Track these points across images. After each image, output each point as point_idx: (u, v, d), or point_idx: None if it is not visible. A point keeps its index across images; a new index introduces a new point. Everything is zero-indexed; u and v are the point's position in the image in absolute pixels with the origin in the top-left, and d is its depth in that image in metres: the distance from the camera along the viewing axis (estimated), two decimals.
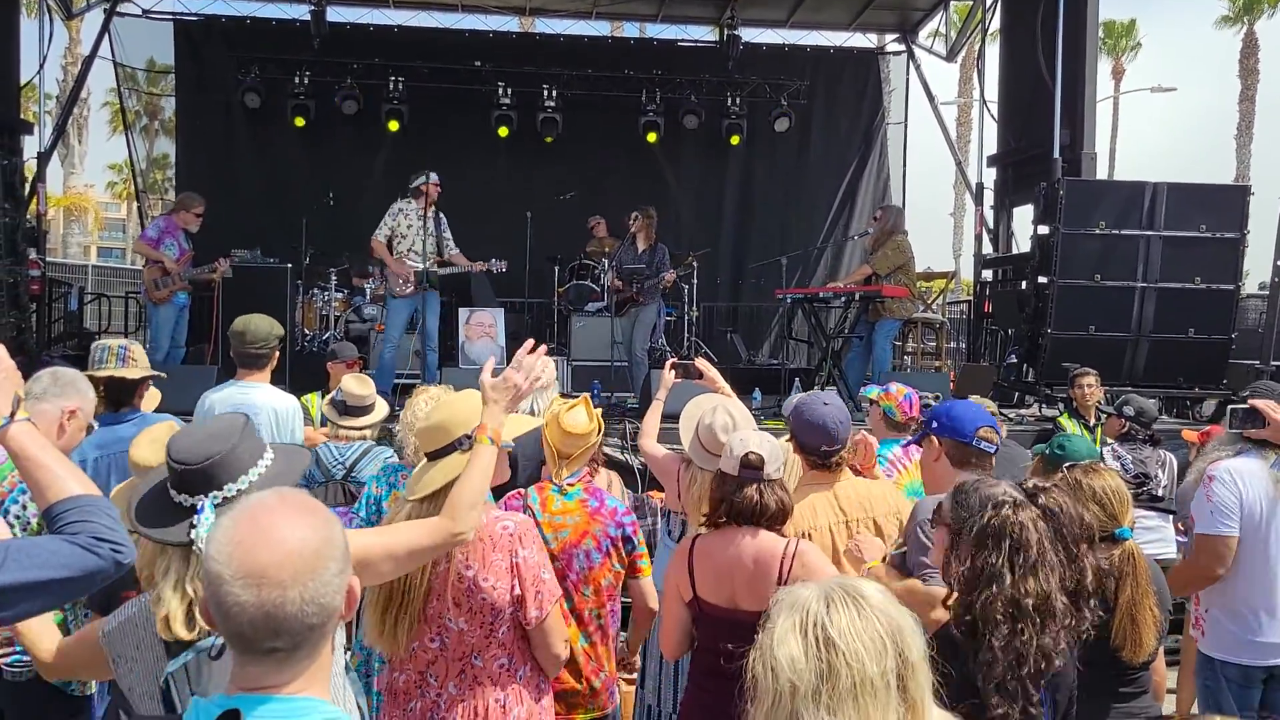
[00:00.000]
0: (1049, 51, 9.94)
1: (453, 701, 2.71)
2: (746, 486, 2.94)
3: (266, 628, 1.39)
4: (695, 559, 2.98)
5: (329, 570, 1.44)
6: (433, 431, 2.69)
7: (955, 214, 33.74)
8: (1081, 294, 9.01)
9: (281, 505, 1.48)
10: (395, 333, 8.82)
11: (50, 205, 11.08)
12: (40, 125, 11.24)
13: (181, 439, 2.13)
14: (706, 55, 14.06)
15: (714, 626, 2.95)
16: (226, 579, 1.39)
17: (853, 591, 1.61)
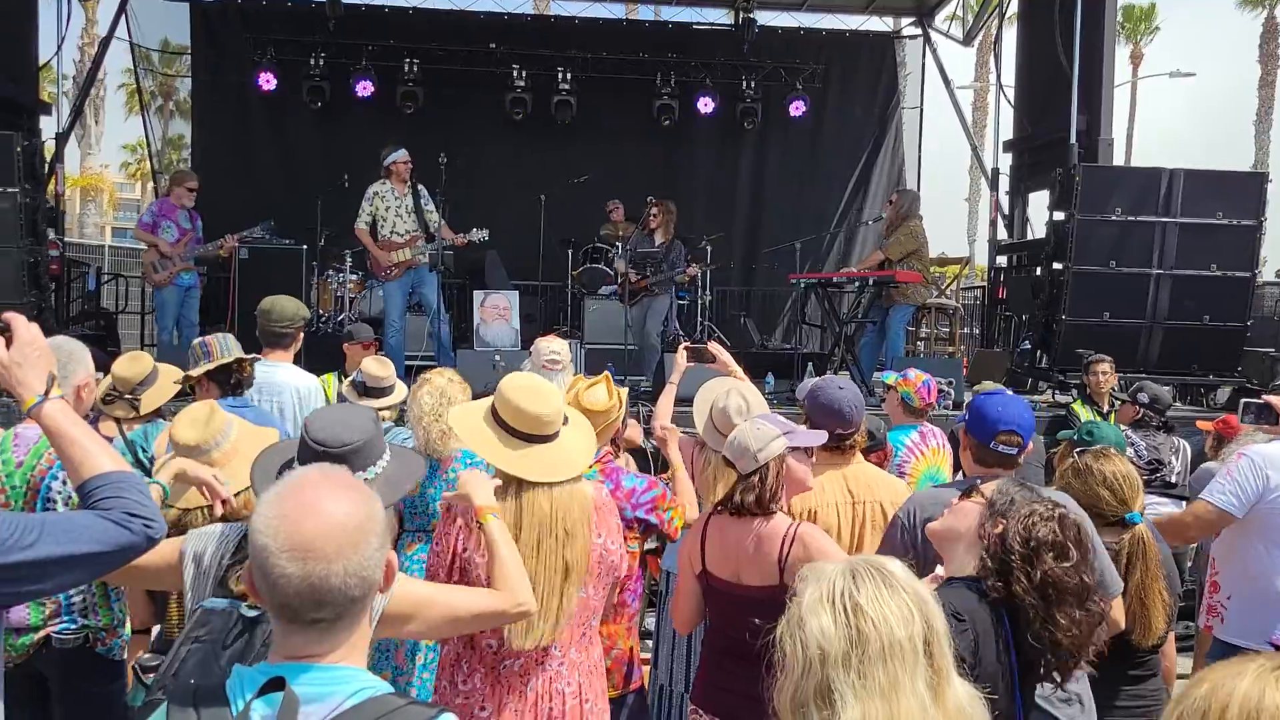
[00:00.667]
0: (1067, 36, 9.88)
1: (572, 665, 2.82)
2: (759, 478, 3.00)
3: (311, 599, 1.45)
4: (707, 534, 3.06)
5: (371, 545, 1.49)
6: (544, 420, 2.78)
7: (970, 199, 33.62)
8: (1096, 280, 8.98)
9: (325, 481, 1.53)
10: (395, 317, 8.83)
11: (67, 186, 11.14)
12: (58, 106, 11.30)
13: (321, 422, 2.23)
14: (721, 38, 14.00)
15: (719, 599, 3.02)
16: (273, 551, 1.44)
17: (877, 565, 1.64)
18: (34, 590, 1.84)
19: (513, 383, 2.88)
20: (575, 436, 2.89)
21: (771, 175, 14.07)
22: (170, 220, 8.85)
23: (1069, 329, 8.99)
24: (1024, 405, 3.25)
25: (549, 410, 2.79)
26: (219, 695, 1.46)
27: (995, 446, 3.07)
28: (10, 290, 7.90)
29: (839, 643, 1.56)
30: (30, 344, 1.95)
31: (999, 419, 3.09)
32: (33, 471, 3.13)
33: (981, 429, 3.11)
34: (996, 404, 3.17)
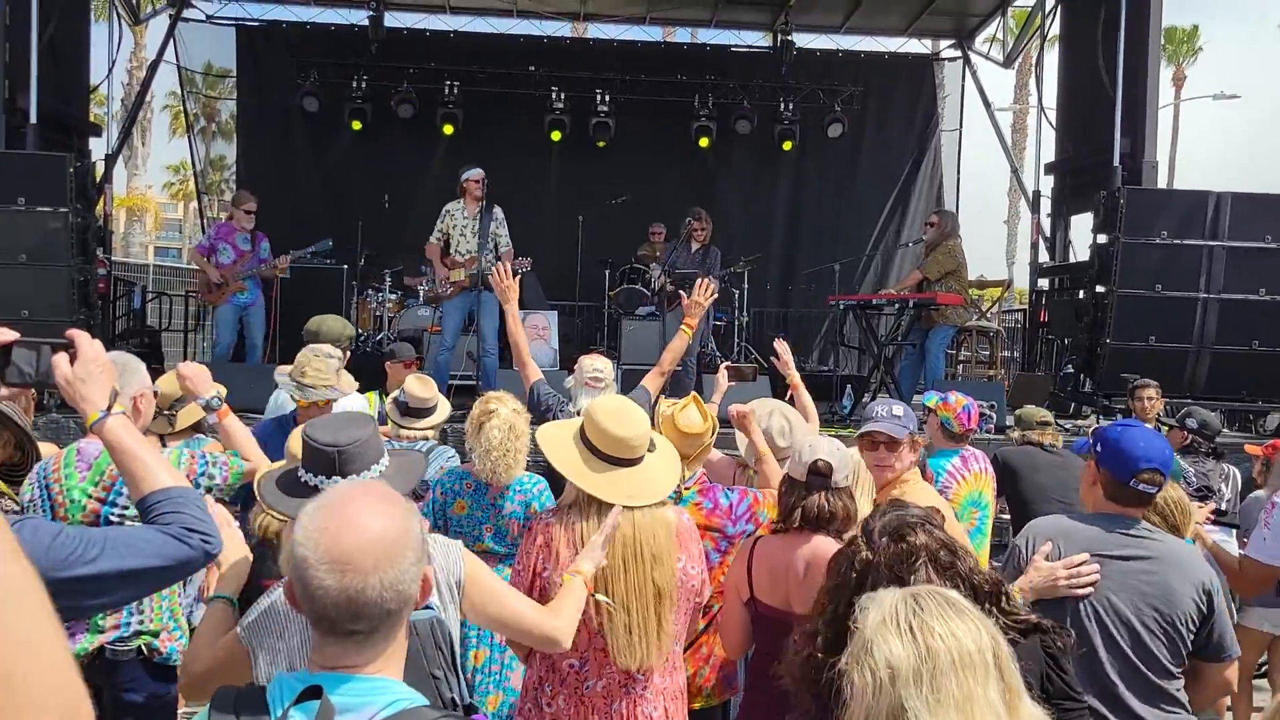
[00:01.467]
0: (1110, 58, 9.80)
1: (657, 691, 2.83)
2: (814, 493, 2.97)
3: (348, 611, 1.47)
4: (754, 560, 3.02)
5: (407, 559, 1.51)
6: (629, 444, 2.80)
7: (1009, 221, 33.32)
8: (1141, 304, 8.87)
9: (365, 496, 1.55)
10: (449, 336, 8.84)
11: (115, 206, 11.36)
12: (107, 128, 11.52)
13: (318, 425, 2.28)
14: (759, 60, 14.05)
15: (768, 627, 2.97)
16: (312, 563, 1.47)
17: (938, 592, 1.62)
18: (96, 604, 1.87)
19: (601, 405, 2.90)
20: (660, 461, 2.90)
21: (809, 197, 14.06)
22: (227, 242, 9.00)
23: (1113, 353, 8.87)
24: (1164, 441, 3.07)
25: (635, 434, 2.80)
26: (260, 701, 1.49)
27: (1136, 485, 2.85)
28: (61, 308, 8.05)
29: (909, 660, 1.53)
30: (93, 360, 1.98)
31: (1142, 456, 2.85)
32: (96, 486, 3.17)
33: (1121, 466, 2.87)
34: (1138, 439, 2.92)
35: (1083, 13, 10.69)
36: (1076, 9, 11.05)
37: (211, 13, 13.50)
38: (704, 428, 3.42)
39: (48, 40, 9.22)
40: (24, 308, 7.79)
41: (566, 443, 2.87)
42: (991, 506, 4.63)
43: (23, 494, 3.22)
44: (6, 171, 8.24)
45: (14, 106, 9.08)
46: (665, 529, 2.80)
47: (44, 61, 9.09)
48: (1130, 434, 2.96)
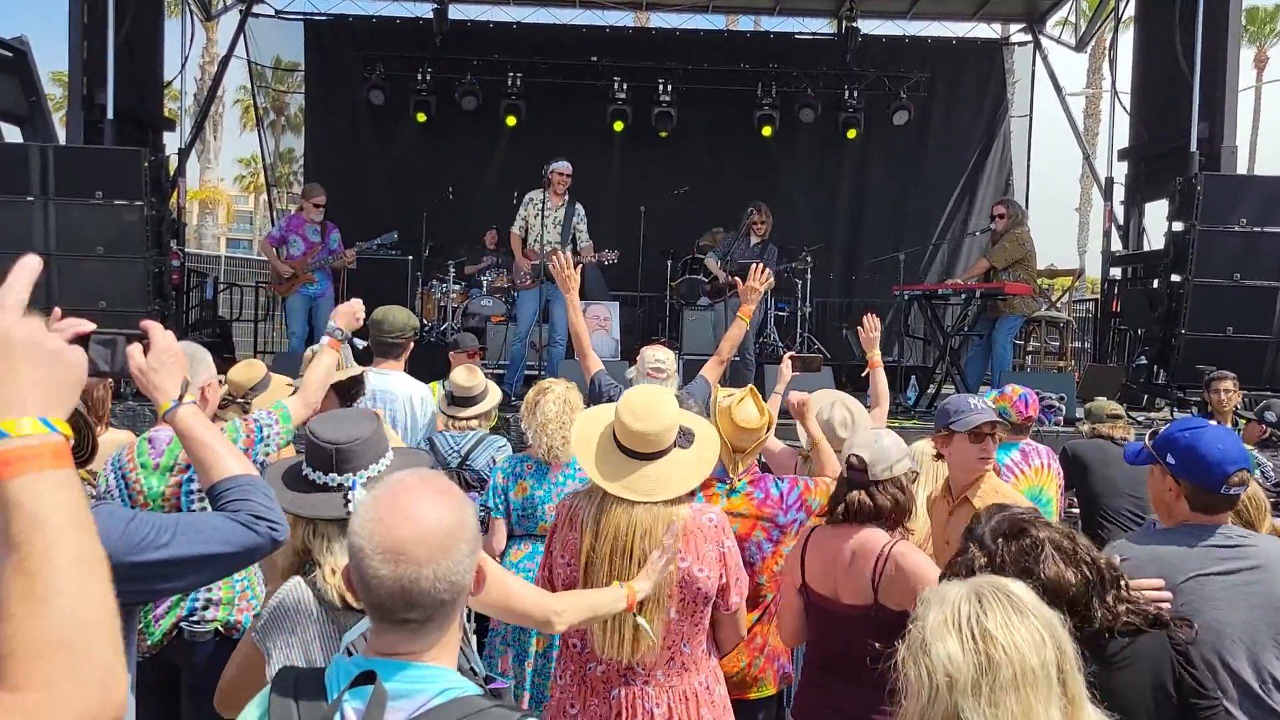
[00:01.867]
0: (1187, 40, 9.51)
1: (661, 687, 2.80)
2: (854, 490, 2.98)
3: (402, 600, 1.49)
4: (808, 548, 3.04)
5: (461, 550, 1.53)
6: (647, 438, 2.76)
7: (1081, 209, 32.59)
8: (1219, 293, 8.61)
9: (421, 485, 1.57)
10: (524, 326, 8.90)
11: (187, 198, 11.64)
12: (180, 122, 11.80)
13: (323, 424, 2.30)
14: (823, 48, 13.90)
15: (817, 615, 3.00)
16: (368, 553, 1.49)
17: (1003, 588, 1.58)
18: (167, 588, 1.92)
19: (627, 398, 2.88)
20: (687, 457, 2.84)
21: (874, 185, 13.89)
22: (298, 234, 9.17)
23: (1188, 344, 8.64)
24: (1234, 434, 2.91)
25: (655, 429, 2.76)
26: (318, 685, 1.53)
27: (1228, 491, 2.67)
28: (136, 298, 8.27)
29: (968, 669, 1.50)
30: (166, 351, 2.03)
31: (1227, 459, 2.67)
32: (171, 472, 3.25)
33: (1208, 474, 2.68)
34: (1215, 441, 2.72)
35: None
36: None
37: (280, 7, 13.73)
38: (760, 422, 3.40)
39: (124, 38, 9.46)
40: (101, 299, 8.02)
41: (593, 431, 2.87)
42: (1055, 502, 4.54)
43: (99, 483, 3.32)
44: (84, 166, 8.46)
45: (92, 103, 9.34)
46: (665, 529, 2.75)
47: (120, 58, 9.33)
48: (1204, 437, 2.76)
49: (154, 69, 10.96)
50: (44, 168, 8.23)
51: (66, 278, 8.21)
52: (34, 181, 8.22)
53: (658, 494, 2.73)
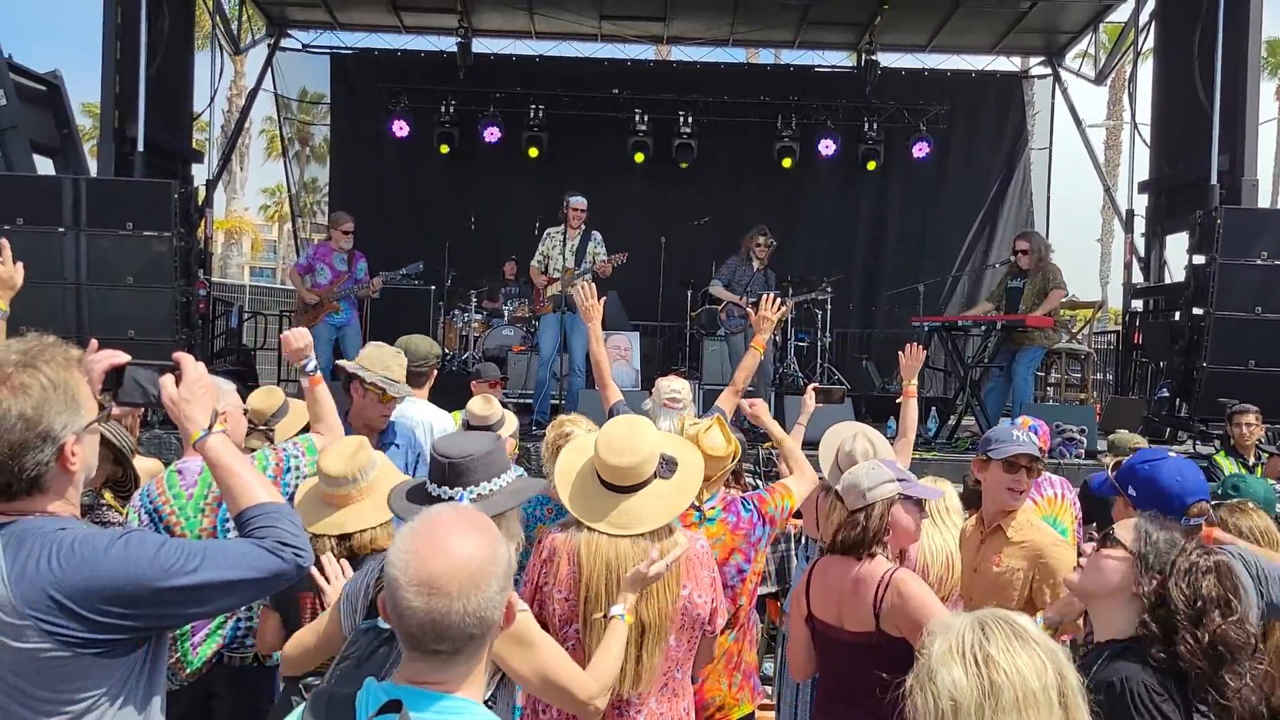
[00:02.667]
0: (1207, 72, 9.54)
1: (652, 716, 2.78)
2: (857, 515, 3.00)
3: (432, 632, 1.53)
4: (813, 578, 3.07)
5: (492, 587, 1.57)
6: (624, 472, 2.75)
7: (1102, 240, 32.48)
8: (1240, 327, 8.58)
9: (456, 521, 1.61)
10: (546, 353, 9.03)
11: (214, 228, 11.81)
12: (208, 153, 11.99)
13: (445, 441, 2.48)
14: (843, 80, 14.00)
15: (822, 643, 3.02)
16: (402, 584, 1.54)
17: (1005, 618, 1.62)
18: (195, 613, 1.97)
19: (605, 431, 2.87)
20: (668, 488, 2.81)
21: (893, 217, 13.94)
22: (324, 263, 9.21)
23: (1210, 377, 8.60)
24: (1195, 467, 2.94)
25: (630, 463, 2.73)
26: (349, 707, 1.56)
27: (1188, 523, 2.70)
28: (164, 327, 8.38)
29: (971, 694, 1.54)
30: (197, 381, 2.10)
31: (1184, 490, 2.72)
32: (205, 499, 3.30)
33: (1167, 504, 2.71)
34: (1174, 473, 2.77)
35: (1178, 27, 10.42)
36: (1171, 23, 10.78)
37: (307, 41, 13.99)
38: (727, 450, 3.40)
39: (155, 72, 9.66)
40: (130, 327, 8.13)
41: (579, 463, 2.86)
42: (1070, 534, 4.52)
43: (129, 520, 3.37)
44: (115, 197, 8.61)
45: (123, 135, 9.52)
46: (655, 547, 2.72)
47: (151, 92, 9.52)
48: (1163, 469, 2.82)
49: (183, 102, 11.16)
50: (76, 199, 8.38)
51: (96, 307, 8.36)
52: (66, 212, 8.37)
53: (634, 527, 2.71)
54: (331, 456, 2.97)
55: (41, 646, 1.72)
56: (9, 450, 1.76)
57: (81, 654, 1.74)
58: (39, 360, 1.81)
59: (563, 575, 2.73)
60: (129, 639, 1.80)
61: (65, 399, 1.82)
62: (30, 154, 9.03)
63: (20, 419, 1.76)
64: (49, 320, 7.90)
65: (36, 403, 1.78)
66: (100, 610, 1.74)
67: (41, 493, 1.83)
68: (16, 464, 1.77)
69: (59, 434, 1.81)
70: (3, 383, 1.77)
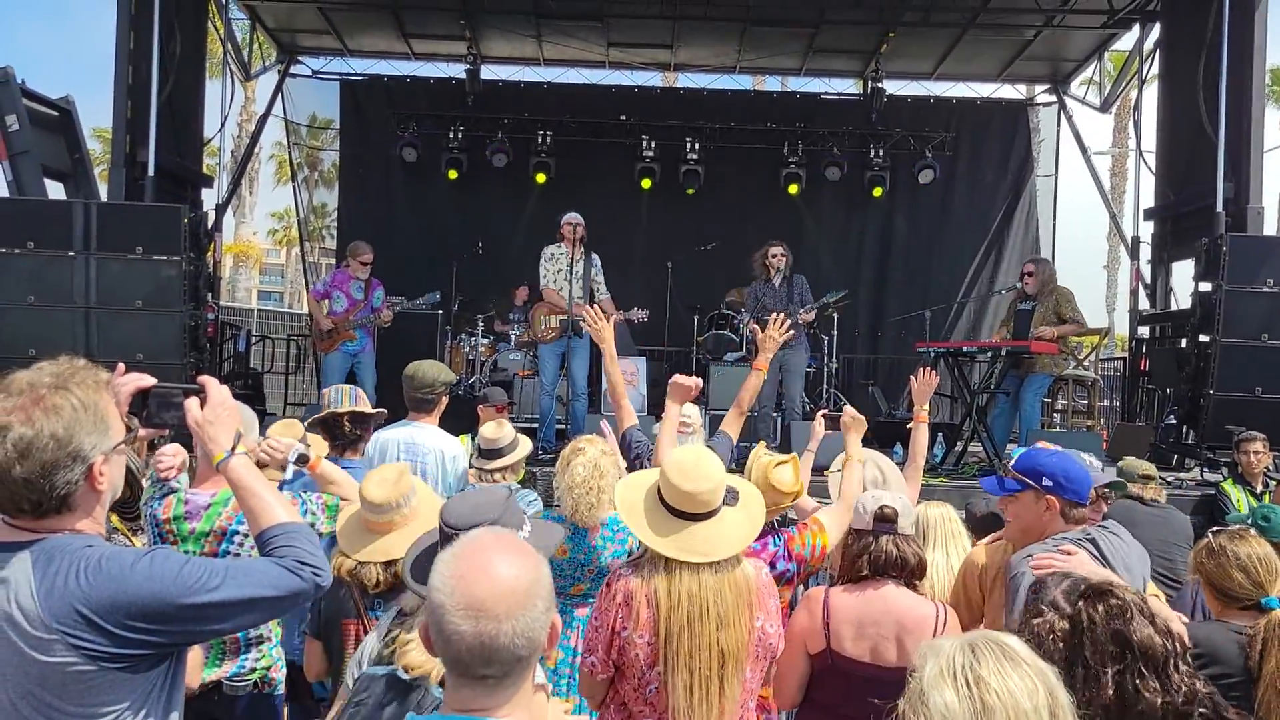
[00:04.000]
0: (1211, 100, 9.58)
1: None
2: (882, 539, 3.02)
3: (481, 656, 1.54)
4: (831, 612, 3.01)
5: (538, 607, 1.58)
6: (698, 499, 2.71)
7: (1109, 267, 32.49)
8: (1247, 354, 8.57)
9: (498, 544, 1.63)
10: (548, 380, 8.96)
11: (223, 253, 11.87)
12: (218, 178, 12.08)
13: (455, 506, 2.37)
14: (849, 108, 14.07)
15: (845, 679, 2.97)
16: (449, 609, 1.54)
17: (996, 640, 1.62)
18: (215, 630, 2.01)
19: (675, 458, 2.82)
20: (737, 515, 2.79)
21: (899, 243, 13.98)
22: (341, 291, 9.25)
23: (1217, 404, 8.59)
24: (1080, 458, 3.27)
25: (705, 489, 2.70)
26: None
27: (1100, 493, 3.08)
28: (173, 351, 8.42)
29: (963, 715, 1.54)
30: (221, 404, 2.16)
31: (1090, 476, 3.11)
32: (207, 538, 3.30)
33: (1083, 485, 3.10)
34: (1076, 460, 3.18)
35: (1182, 55, 10.48)
36: (1176, 51, 10.84)
37: (317, 68, 14.12)
38: (794, 488, 3.43)
39: (166, 98, 9.75)
40: (138, 351, 8.16)
41: (639, 496, 2.81)
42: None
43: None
44: (126, 222, 8.67)
45: (134, 160, 9.60)
46: (737, 588, 2.68)
47: (162, 118, 9.60)
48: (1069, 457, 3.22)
49: (194, 127, 11.25)
50: (87, 223, 8.45)
51: (105, 330, 8.40)
52: (76, 237, 8.43)
53: (711, 554, 2.67)
54: (374, 483, 3.00)
55: (68, 660, 1.75)
56: (41, 469, 1.81)
57: (106, 668, 1.78)
58: (70, 382, 1.87)
59: (643, 619, 2.66)
60: (153, 654, 1.84)
61: (95, 420, 1.87)
62: (42, 179, 9.09)
63: (52, 439, 1.81)
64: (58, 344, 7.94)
65: (68, 423, 1.83)
66: (125, 625, 1.78)
67: (70, 511, 1.88)
68: (48, 482, 1.82)
69: (88, 454, 1.86)
70: (36, 403, 1.82)
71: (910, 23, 11.93)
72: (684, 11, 11.91)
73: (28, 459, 1.79)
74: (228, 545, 3.28)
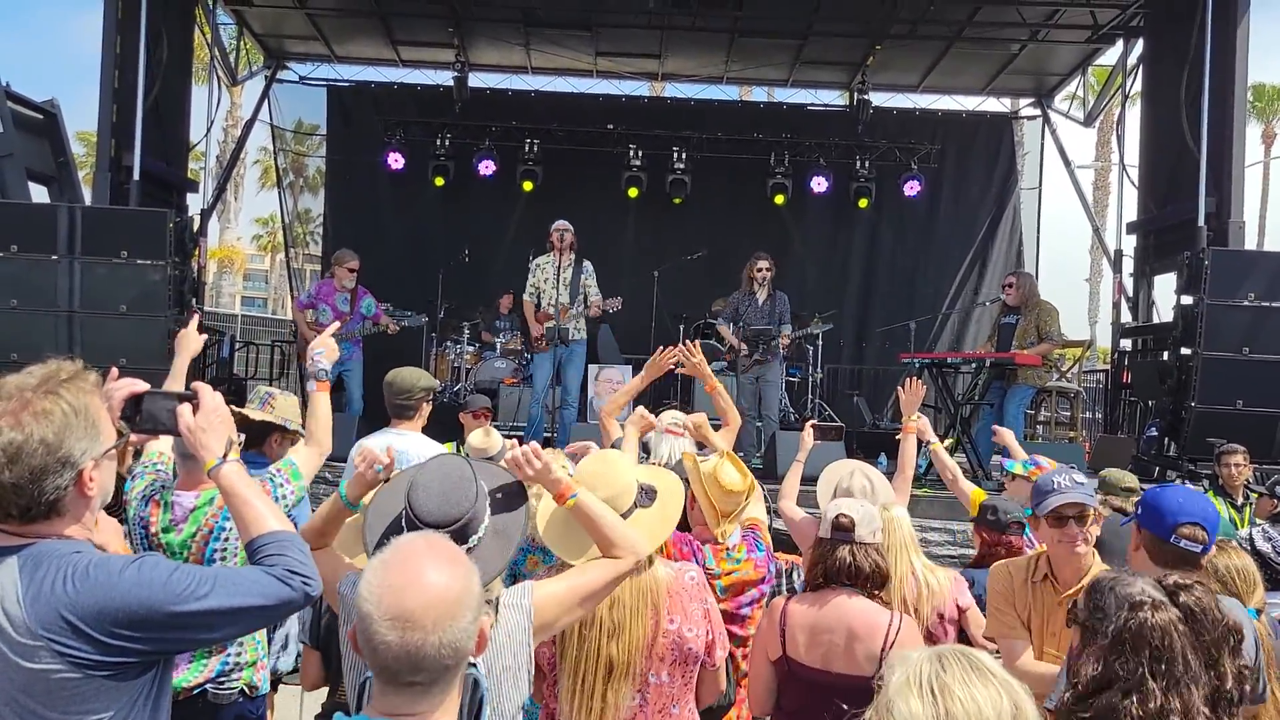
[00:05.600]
0: (1193, 116, 9.68)
1: None
2: (839, 548, 3.01)
3: (408, 665, 1.56)
4: (787, 618, 3.03)
5: (465, 618, 1.60)
6: None
7: (1091, 280, 32.73)
8: (1228, 367, 8.64)
9: (429, 552, 1.63)
10: (539, 389, 8.95)
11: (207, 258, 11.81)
12: (203, 183, 12.04)
13: (423, 497, 2.24)
14: (836, 119, 14.14)
15: (803, 685, 2.98)
16: (375, 619, 1.56)
17: (965, 653, 1.63)
18: (204, 638, 1.99)
19: (581, 468, 2.85)
20: (651, 515, 2.78)
21: (885, 254, 14.05)
22: (327, 304, 9.17)
23: (1199, 416, 8.65)
24: (1207, 500, 2.99)
25: (604, 495, 2.68)
26: None
27: (1176, 542, 2.80)
28: (155, 357, 8.33)
29: None
30: (214, 411, 2.14)
31: (1180, 509, 2.82)
32: (194, 538, 3.29)
33: (1159, 522, 2.83)
34: (1176, 495, 2.89)
35: (1165, 71, 10.59)
36: (1158, 67, 10.95)
37: (304, 74, 14.10)
38: (744, 485, 3.40)
39: (152, 102, 9.71)
40: (121, 355, 8.06)
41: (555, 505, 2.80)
42: None
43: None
44: (111, 226, 8.63)
45: (119, 164, 9.57)
46: (640, 592, 2.68)
47: (148, 122, 9.58)
48: (1168, 491, 2.95)
49: (180, 132, 11.22)
50: (71, 227, 8.40)
51: (89, 334, 8.35)
52: (61, 241, 8.38)
53: None
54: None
55: (53, 668, 1.74)
56: (30, 475, 1.80)
57: (92, 676, 1.77)
58: (60, 387, 1.86)
59: None
60: (138, 662, 1.82)
61: (85, 425, 1.86)
62: (26, 182, 9.05)
63: (42, 444, 1.80)
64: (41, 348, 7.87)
65: (58, 428, 1.82)
66: (112, 633, 1.77)
67: (59, 516, 1.86)
68: (37, 488, 1.81)
69: (78, 460, 1.85)
70: (25, 408, 1.81)
71: (897, 35, 12.00)
72: (672, 22, 11.94)
73: (17, 464, 1.78)
74: (214, 544, 3.27)
